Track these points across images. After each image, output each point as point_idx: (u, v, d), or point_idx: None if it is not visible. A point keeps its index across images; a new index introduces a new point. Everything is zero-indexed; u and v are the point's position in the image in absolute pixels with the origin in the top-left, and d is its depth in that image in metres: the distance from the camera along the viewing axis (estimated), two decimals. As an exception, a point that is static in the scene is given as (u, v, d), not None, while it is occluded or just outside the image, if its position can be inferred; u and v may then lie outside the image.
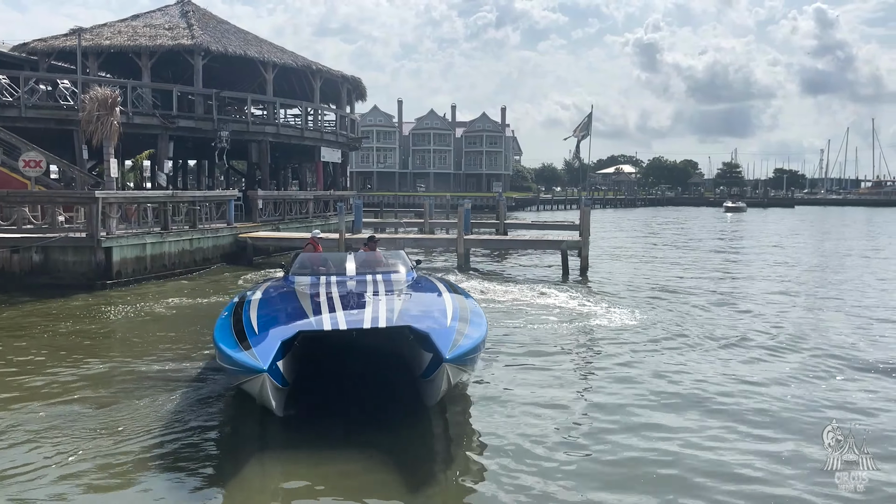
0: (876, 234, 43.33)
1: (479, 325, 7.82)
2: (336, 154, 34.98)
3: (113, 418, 7.67)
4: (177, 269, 19.48)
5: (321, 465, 6.61)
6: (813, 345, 11.31)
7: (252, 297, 9.08)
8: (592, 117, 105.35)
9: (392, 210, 52.72)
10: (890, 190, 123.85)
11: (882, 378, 9.43)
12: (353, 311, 8.16)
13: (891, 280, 20.38)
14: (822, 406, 8.20)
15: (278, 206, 27.66)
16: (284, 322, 7.79)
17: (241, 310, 8.27)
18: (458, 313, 8.05)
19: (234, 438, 7.43)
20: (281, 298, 9.26)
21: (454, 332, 7.30)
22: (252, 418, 7.69)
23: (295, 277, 10.60)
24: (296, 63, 32.05)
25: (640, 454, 6.81)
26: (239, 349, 6.83)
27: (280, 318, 8.04)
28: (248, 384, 6.72)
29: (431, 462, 6.68)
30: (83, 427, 7.40)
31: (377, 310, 8.22)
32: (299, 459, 6.79)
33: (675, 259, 26.36)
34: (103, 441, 7.02)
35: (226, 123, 27.67)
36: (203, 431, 7.36)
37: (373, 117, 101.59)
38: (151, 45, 27.91)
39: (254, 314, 7.99)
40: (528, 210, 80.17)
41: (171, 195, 20.84)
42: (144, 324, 13.17)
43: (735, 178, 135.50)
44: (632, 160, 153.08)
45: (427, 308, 8.48)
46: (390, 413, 7.90)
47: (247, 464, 6.62)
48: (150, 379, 9.22)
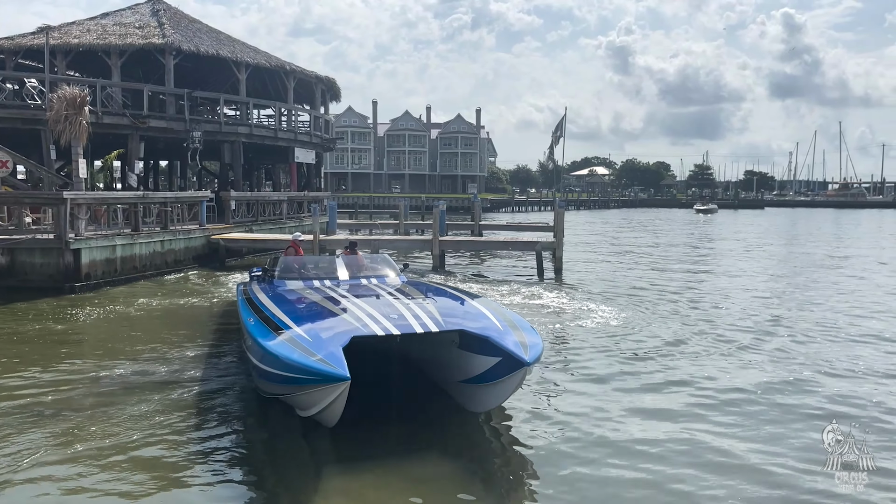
0: (844, 239, 44.17)
1: (530, 328, 7.78)
2: (310, 155, 34.77)
3: (79, 421, 7.55)
4: (148, 271, 19.22)
5: (365, 474, 6.46)
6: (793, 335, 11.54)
7: (265, 302, 8.87)
8: (566, 119, 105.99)
9: (367, 211, 52.53)
10: (856, 192, 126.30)
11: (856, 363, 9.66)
12: (394, 317, 7.79)
13: (855, 284, 20.83)
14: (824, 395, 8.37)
15: (251, 207, 27.42)
16: (333, 328, 7.42)
17: (270, 317, 8.00)
18: (500, 317, 8.00)
19: (240, 443, 7.36)
20: (304, 304, 8.87)
21: (514, 336, 7.28)
22: (249, 422, 7.63)
23: (286, 282, 10.38)
24: (269, 63, 31.80)
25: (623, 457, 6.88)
26: (306, 357, 6.43)
27: (322, 324, 7.66)
28: (317, 393, 6.40)
29: (474, 470, 6.64)
30: (46, 430, 7.28)
31: (417, 314, 7.90)
32: (335, 466, 6.73)
33: (646, 259, 26.62)
34: (71, 443, 6.92)
35: (198, 124, 27.35)
36: (197, 434, 7.28)
37: (347, 118, 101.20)
38: (121, 43, 27.49)
39: (290, 320, 7.66)
40: (503, 211, 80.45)
41: (141, 196, 20.55)
42: (113, 326, 12.99)
43: (706, 180, 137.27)
44: (605, 162, 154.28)
45: (465, 312, 8.32)
46: (419, 415, 7.90)
47: (258, 470, 6.56)
48: (119, 381, 9.09)
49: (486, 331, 7.39)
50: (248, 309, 8.85)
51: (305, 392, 6.57)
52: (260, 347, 7.03)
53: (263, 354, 6.95)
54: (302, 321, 7.69)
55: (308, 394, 6.56)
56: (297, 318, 7.88)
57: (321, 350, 6.55)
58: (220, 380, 9.22)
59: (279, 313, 8.12)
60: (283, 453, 7.09)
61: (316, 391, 6.40)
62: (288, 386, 6.70)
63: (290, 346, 6.77)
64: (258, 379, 7.69)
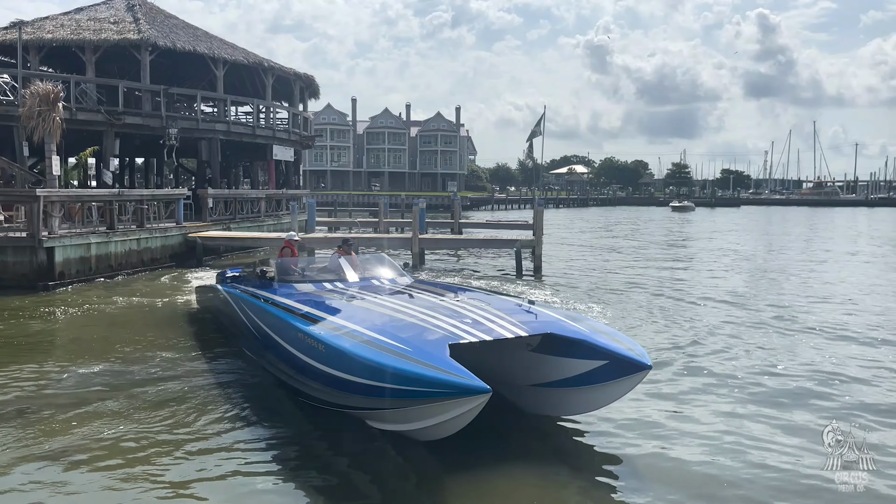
0: (815, 241, 44.81)
1: (613, 331, 7.65)
2: (289, 152, 34.55)
3: (52, 421, 7.45)
4: (124, 270, 18.99)
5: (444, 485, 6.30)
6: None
7: (299, 305, 8.36)
8: (545, 118, 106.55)
9: (346, 209, 52.33)
10: (830, 190, 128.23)
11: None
12: (468, 321, 7.29)
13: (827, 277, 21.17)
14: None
15: (229, 205, 27.20)
16: (422, 335, 6.86)
17: (323, 321, 7.54)
18: (574, 318, 7.83)
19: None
20: (354, 308, 8.35)
21: (607, 338, 7.14)
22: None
23: (294, 285, 9.78)
24: (247, 60, 31.56)
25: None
26: (430, 370, 5.86)
27: (406, 331, 7.02)
28: (446, 407, 5.82)
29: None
30: (15, 429, 7.18)
31: (489, 318, 7.41)
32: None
33: (623, 256, 26.83)
34: (43, 442, 6.83)
35: (175, 120, 27.06)
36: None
37: (326, 115, 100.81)
38: (96, 39, 27.12)
39: (362, 327, 7.09)
40: (482, 209, 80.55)
41: (117, 194, 20.31)
42: (87, 325, 12.83)
43: (684, 179, 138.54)
44: (584, 160, 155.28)
45: (526, 312, 7.89)
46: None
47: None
48: (93, 380, 8.98)
49: (579, 334, 7.16)
50: (278, 312, 8.37)
51: (429, 405, 5.91)
52: (349, 356, 6.46)
53: (356, 364, 6.34)
54: (376, 328, 7.09)
55: (430, 407, 5.94)
56: (364, 324, 7.26)
57: (436, 360, 6.02)
58: (199, 377, 9.15)
59: (336, 318, 7.61)
60: (300, 452, 7.01)
61: (446, 404, 5.81)
62: (403, 400, 6.04)
63: (393, 356, 6.19)
64: (324, 388, 7.02)
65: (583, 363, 7.04)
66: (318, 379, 7.04)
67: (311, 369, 7.10)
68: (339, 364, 6.59)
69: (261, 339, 8.94)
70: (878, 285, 19.25)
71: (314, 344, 7.03)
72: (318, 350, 6.94)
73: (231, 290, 10.84)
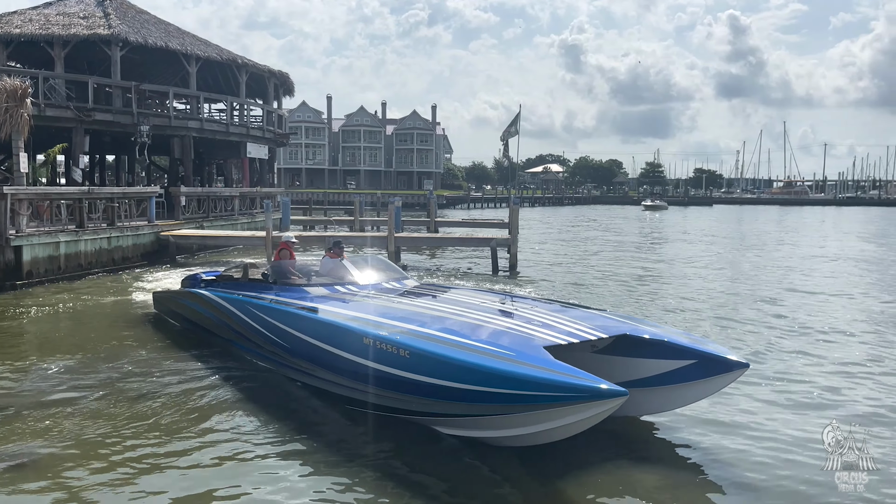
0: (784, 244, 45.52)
1: (684, 332, 7.77)
2: (263, 150, 34.28)
3: (20, 420, 7.31)
4: (94, 269, 18.70)
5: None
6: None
7: (336, 309, 8.10)
8: (520, 117, 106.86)
9: (321, 207, 51.96)
10: (799, 190, 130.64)
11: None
12: (536, 324, 7.22)
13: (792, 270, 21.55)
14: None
15: (202, 203, 26.90)
16: (512, 339, 6.69)
17: (387, 324, 7.24)
18: (627, 318, 8.04)
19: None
20: (407, 314, 7.92)
21: (682, 338, 7.27)
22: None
23: (305, 289, 9.43)
24: (220, 56, 31.22)
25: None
26: (556, 374, 5.68)
27: (493, 335, 6.84)
28: (583, 409, 5.61)
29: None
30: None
31: (557, 321, 7.33)
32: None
33: (596, 254, 27.03)
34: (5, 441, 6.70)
35: (146, 117, 26.69)
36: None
37: (301, 113, 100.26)
38: (65, 34, 26.66)
39: (435, 330, 6.92)
40: (458, 208, 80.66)
41: (86, 191, 19.98)
42: (56, 324, 12.62)
43: (658, 178, 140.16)
44: (559, 159, 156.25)
45: (596, 316, 7.88)
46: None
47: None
48: (61, 380, 8.83)
49: (656, 335, 7.22)
50: (321, 317, 7.95)
51: (556, 410, 5.71)
52: (453, 363, 6.15)
53: (465, 371, 6.06)
54: (455, 331, 6.87)
55: (553, 412, 5.74)
56: (436, 328, 7.05)
57: (556, 366, 5.85)
58: (172, 375, 9.03)
59: (400, 323, 7.32)
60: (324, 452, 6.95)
61: (578, 408, 5.63)
62: (526, 405, 5.81)
63: (499, 360, 6.00)
64: (402, 395, 6.74)
65: (663, 363, 7.05)
66: (395, 387, 6.71)
67: (387, 377, 6.73)
68: (434, 371, 6.27)
69: (288, 345, 8.38)
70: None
71: (392, 349, 6.65)
72: (400, 357, 6.56)
73: (225, 295, 10.18)
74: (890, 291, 17.80)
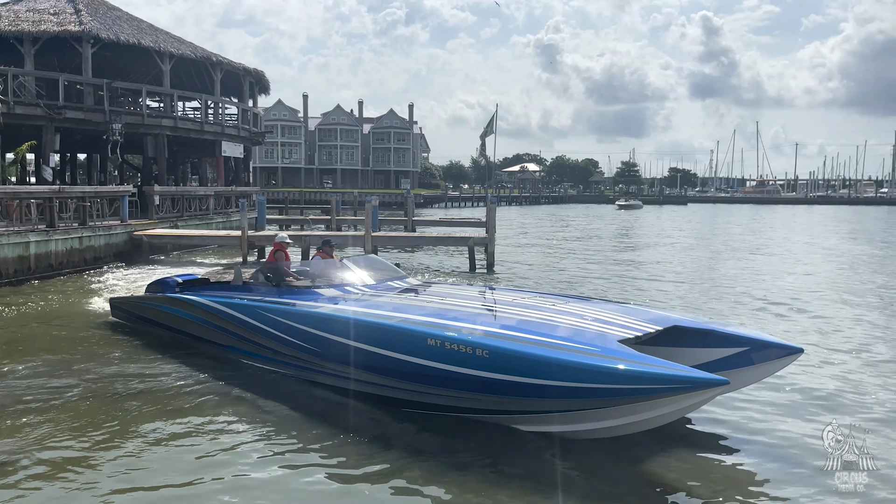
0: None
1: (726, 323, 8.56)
2: (238, 149, 33.96)
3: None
4: (65, 269, 18.38)
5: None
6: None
7: (410, 315, 7.73)
8: (497, 116, 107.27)
9: (298, 207, 51.61)
10: (772, 189, 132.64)
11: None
12: (588, 319, 7.41)
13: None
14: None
15: (176, 202, 26.57)
16: (586, 335, 6.82)
17: (451, 325, 7.14)
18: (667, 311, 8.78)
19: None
20: (456, 313, 7.88)
21: (734, 327, 7.84)
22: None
23: (317, 290, 9.14)
24: (194, 54, 30.86)
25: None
26: (664, 367, 5.86)
27: (560, 330, 6.95)
28: (686, 398, 5.81)
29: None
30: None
31: (609, 316, 7.55)
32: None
33: (572, 252, 27.20)
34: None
35: (119, 115, 26.30)
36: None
37: (277, 111, 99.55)
38: (35, 30, 26.16)
39: (510, 330, 6.94)
40: (436, 207, 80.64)
41: (57, 190, 19.62)
42: (24, 326, 12.36)
43: (633, 177, 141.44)
44: (536, 159, 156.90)
45: (638, 309, 8.40)
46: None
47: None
48: (29, 384, 8.66)
49: (705, 325, 7.69)
50: (367, 319, 7.72)
51: (653, 401, 5.89)
52: (544, 361, 6.20)
53: (557, 369, 6.11)
54: (522, 329, 6.94)
55: (656, 402, 5.90)
56: (498, 326, 7.14)
57: (638, 357, 6.06)
58: (143, 378, 8.90)
59: (457, 322, 7.26)
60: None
61: (682, 398, 5.82)
62: (622, 398, 5.97)
63: (594, 357, 6.12)
64: (476, 395, 6.74)
65: (712, 351, 7.30)
66: (472, 388, 6.67)
67: (461, 378, 6.67)
68: (524, 370, 6.27)
69: (320, 350, 8.10)
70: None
71: (467, 350, 6.58)
72: (478, 357, 6.51)
73: (224, 300, 9.69)
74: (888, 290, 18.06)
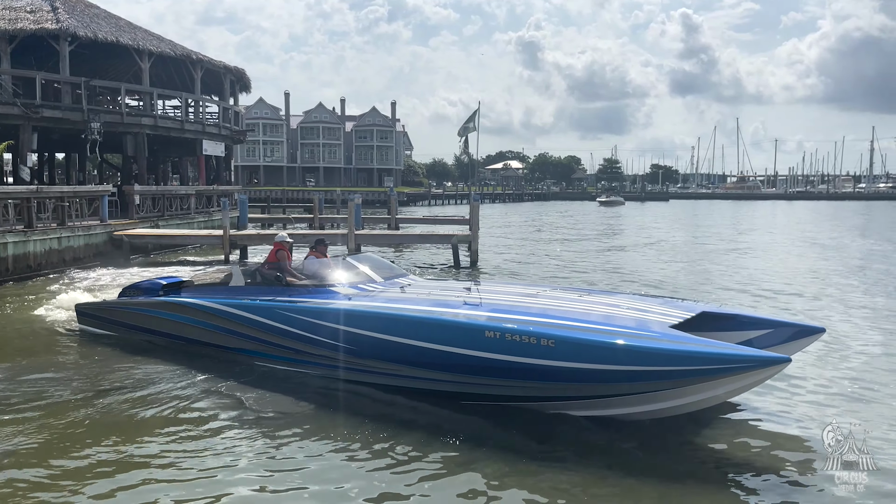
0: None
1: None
2: (219, 147, 33.69)
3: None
4: (44, 270, 18.17)
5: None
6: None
7: (458, 310, 7.88)
8: (480, 113, 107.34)
9: (280, 205, 51.30)
10: (752, 185, 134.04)
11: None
12: (626, 308, 8.00)
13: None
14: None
15: (157, 201, 26.33)
16: (632, 321, 7.36)
17: (508, 317, 7.37)
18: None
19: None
20: (506, 306, 8.05)
21: (756, 311, 8.89)
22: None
23: (329, 289, 9.10)
24: (174, 52, 30.56)
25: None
26: (727, 348, 6.39)
27: (607, 319, 7.42)
28: (753, 376, 6.31)
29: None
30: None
31: (642, 307, 8.05)
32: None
33: (555, 248, 27.33)
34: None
35: (97, 114, 25.98)
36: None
37: (259, 110, 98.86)
38: (11, 28, 25.77)
39: (569, 320, 7.22)
40: (419, 205, 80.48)
41: (35, 190, 19.38)
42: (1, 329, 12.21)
43: (615, 174, 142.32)
44: (519, 156, 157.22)
45: (664, 298, 9.23)
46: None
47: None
48: (11, 388, 8.56)
49: (730, 309, 8.45)
50: (420, 316, 7.79)
51: (721, 380, 6.30)
52: (615, 348, 6.51)
53: (629, 355, 6.45)
54: (579, 319, 7.27)
55: (723, 381, 6.32)
56: (558, 316, 7.43)
57: (698, 341, 6.52)
58: (123, 380, 8.83)
59: (511, 315, 7.48)
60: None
61: (748, 376, 6.30)
62: (691, 379, 6.34)
63: (654, 341, 6.56)
64: (543, 384, 6.99)
65: (738, 334, 7.74)
66: (536, 377, 6.91)
67: (526, 368, 6.88)
68: (592, 357, 6.57)
69: (357, 348, 8.09)
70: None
71: (531, 340, 6.81)
72: (543, 347, 6.75)
73: (235, 302, 9.47)
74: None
